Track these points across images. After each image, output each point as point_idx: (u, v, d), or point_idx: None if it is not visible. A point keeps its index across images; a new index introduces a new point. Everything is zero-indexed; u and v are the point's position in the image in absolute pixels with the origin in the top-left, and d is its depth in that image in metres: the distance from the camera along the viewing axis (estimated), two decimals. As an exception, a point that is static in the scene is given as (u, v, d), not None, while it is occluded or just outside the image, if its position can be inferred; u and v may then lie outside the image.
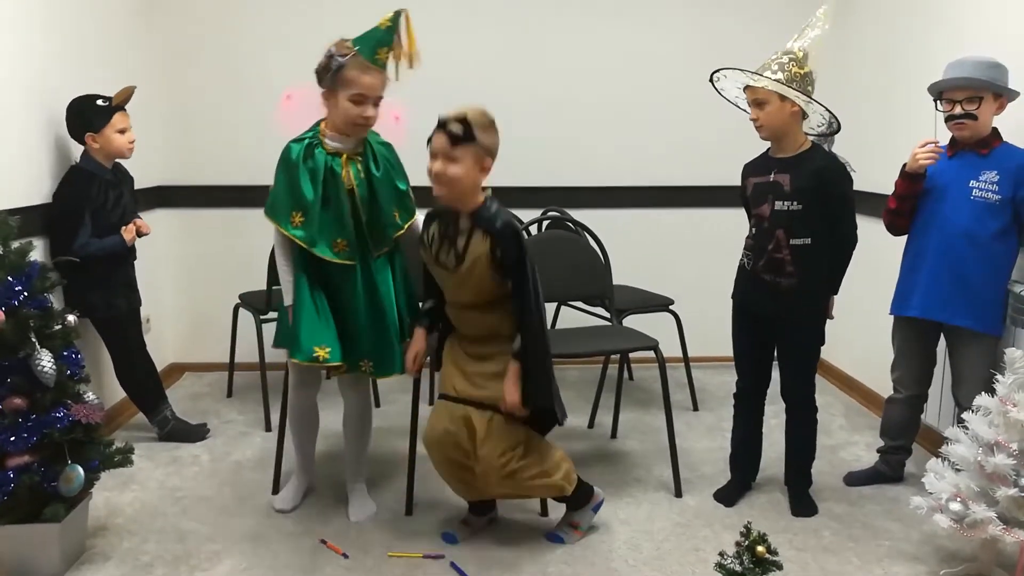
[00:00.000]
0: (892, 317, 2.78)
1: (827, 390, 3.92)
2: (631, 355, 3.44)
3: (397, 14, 2.27)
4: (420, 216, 2.47)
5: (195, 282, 4.00)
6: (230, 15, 3.85)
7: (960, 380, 2.62)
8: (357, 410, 2.63)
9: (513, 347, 2.24)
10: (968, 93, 2.46)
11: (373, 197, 2.37)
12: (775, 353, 2.69)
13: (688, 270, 4.14)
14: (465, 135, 2.13)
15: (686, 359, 3.66)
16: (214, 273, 3.84)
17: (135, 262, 3.13)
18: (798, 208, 2.47)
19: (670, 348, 2.84)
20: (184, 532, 2.54)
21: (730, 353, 2.78)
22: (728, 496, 2.77)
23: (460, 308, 2.34)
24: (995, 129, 2.54)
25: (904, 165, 2.59)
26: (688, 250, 4.19)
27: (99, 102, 2.89)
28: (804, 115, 2.48)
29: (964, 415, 2.21)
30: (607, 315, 3.22)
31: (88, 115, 2.88)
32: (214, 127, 3.86)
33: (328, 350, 2.34)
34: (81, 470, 2.25)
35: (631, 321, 3.37)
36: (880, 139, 3.57)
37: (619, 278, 3.41)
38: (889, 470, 2.91)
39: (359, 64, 2.24)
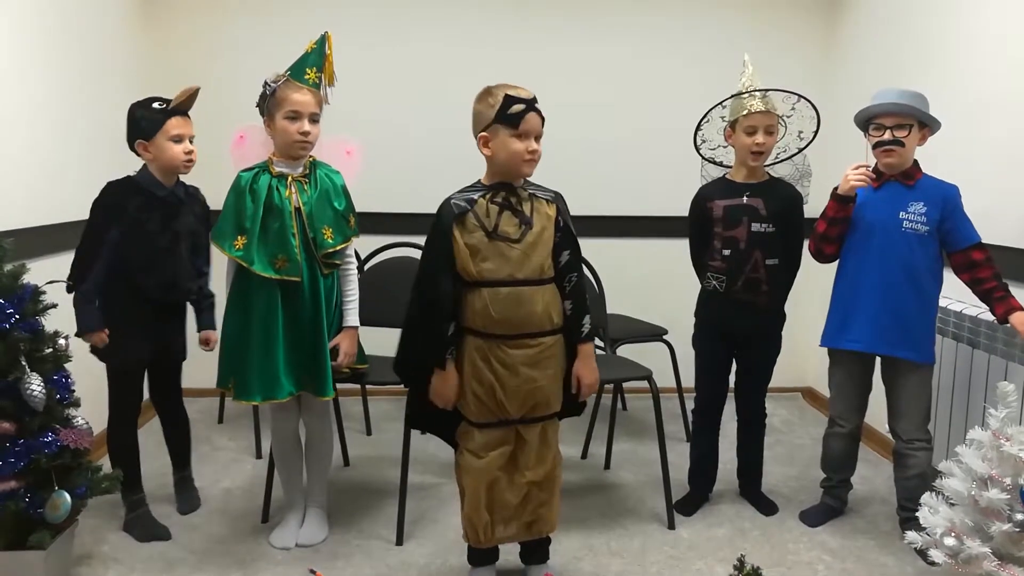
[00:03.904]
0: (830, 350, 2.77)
1: (819, 421, 3.91)
2: (625, 385, 3.44)
3: (322, 37, 2.44)
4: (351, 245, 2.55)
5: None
6: (224, 44, 3.91)
7: (900, 413, 2.62)
8: (316, 432, 2.66)
9: (582, 329, 2.22)
10: (897, 120, 2.50)
11: (311, 214, 2.44)
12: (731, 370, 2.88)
13: (682, 300, 4.10)
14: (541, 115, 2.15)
15: (679, 389, 3.66)
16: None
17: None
18: (772, 230, 2.69)
19: (664, 378, 2.86)
20: (172, 560, 2.50)
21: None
22: (689, 507, 2.91)
23: (517, 289, 2.12)
24: (916, 161, 2.59)
25: (835, 188, 2.61)
26: (682, 280, 4.17)
27: (155, 105, 2.53)
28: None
29: (958, 448, 2.20)
30: (601, 344, 3.22)
31: (139, 120, 2.51)
32: (205, 153, 3.83)
33: (233, 383, 2.43)
34: (68, 496, 2.22)
35: (625, 351, 3.37)
36: (819, 165, 3.60)
37: (613, 307, 3.41)
38: (837, 503, 2.90)
39: (290, 85, 2.39)
